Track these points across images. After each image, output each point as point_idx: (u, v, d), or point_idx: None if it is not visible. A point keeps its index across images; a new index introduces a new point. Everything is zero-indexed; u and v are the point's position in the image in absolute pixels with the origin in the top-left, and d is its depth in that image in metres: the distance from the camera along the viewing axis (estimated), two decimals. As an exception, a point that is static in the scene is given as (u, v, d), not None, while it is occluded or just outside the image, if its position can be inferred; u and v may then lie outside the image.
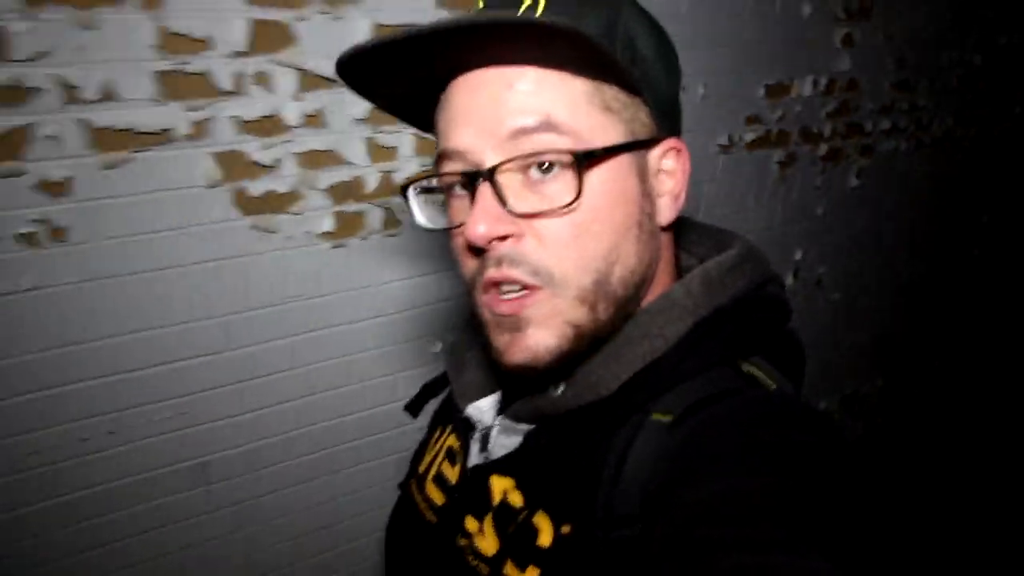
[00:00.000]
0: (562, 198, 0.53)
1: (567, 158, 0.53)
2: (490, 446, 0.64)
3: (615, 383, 0.56)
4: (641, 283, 0.59)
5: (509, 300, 0.55)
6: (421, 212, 0.61)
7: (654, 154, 0.59)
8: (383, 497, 1.55)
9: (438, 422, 0.77)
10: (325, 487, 1.56)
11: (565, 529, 0.55)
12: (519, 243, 0.54)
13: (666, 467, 0.51)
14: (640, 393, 0.56)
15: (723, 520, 0.42)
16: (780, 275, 0.65)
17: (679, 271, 0.66)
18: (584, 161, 0.52)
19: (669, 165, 0.60)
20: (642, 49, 0.57)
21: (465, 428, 0.68)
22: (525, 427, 0.62)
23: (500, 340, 0.57)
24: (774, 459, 0.47)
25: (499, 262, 0.54)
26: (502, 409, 0.66)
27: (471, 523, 0.62)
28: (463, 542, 0.62)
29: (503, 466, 0.61)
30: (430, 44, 0.51)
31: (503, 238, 0.54)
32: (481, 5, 0.58)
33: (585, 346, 0.57)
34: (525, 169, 0.54)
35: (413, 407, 0.77)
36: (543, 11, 0.54)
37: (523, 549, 0.56)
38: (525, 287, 0.55)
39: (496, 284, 0.55)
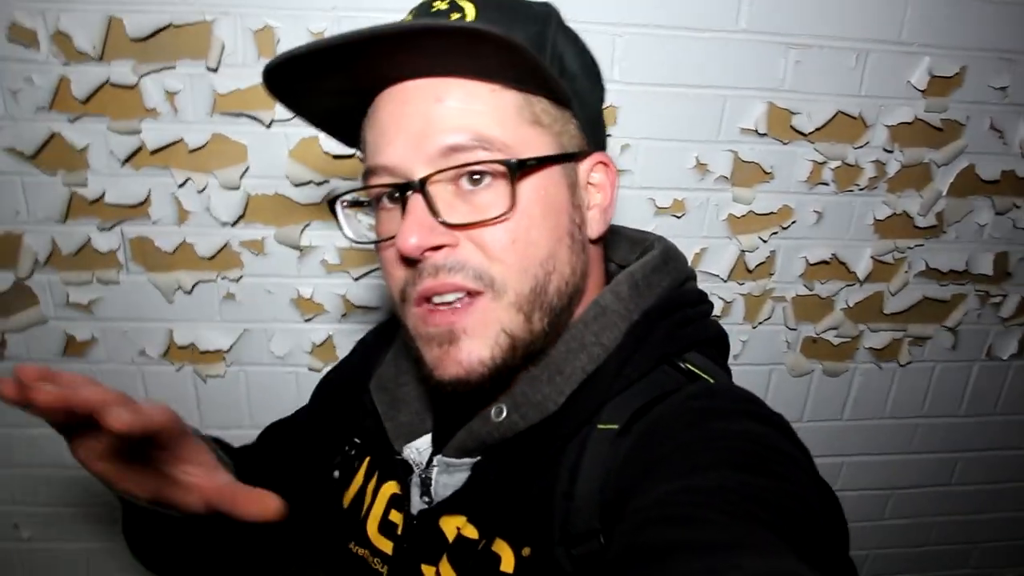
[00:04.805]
0: (495, 208, 0.53)
1: (499, 168, 0.52)
2: (432, 488, 0.62)
3: (561, 398, 0.56)
4: (574, 295, 0.59)
5: (443, 311, 0.54)
6: (348, 226, 0.60)
7: (583, 167, 0.60)
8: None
9: (367, 464, 0.71)
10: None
11: (526, 552, 0.54)
12: (456, 251, 0.53)
13: (619, 476, 0.50)
14: (586, 404, 0.56)
15: (677, 521, 0.41)
16: (694, 270, 0.66)
17: (608, 280, 0.65)
18: (517, 171, 0.52)
19: (597, 178, 0.61)
20: (569, 64, 0.57)
21: (403, 472, 0.65)
22: (467, 461, 0.60)
23: (432, 354, 0.55)
24: (724, 453, 0.46)
25: (436, 271, 0.53)
26: (438, 446, 0.64)
27: (428, 571, 0.59)
28: None
29: (452, 505, 0.60)
30: (360, 52, 0.49)
31: (436, 248, 0.53)
32: (409, 18, 0.57)
33: (519, 359, 0.56)
34: (456, 180, 0.53)
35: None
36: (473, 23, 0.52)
37: None
38: (468, 292, 0.53)
39: (429, 298, 0.54)
